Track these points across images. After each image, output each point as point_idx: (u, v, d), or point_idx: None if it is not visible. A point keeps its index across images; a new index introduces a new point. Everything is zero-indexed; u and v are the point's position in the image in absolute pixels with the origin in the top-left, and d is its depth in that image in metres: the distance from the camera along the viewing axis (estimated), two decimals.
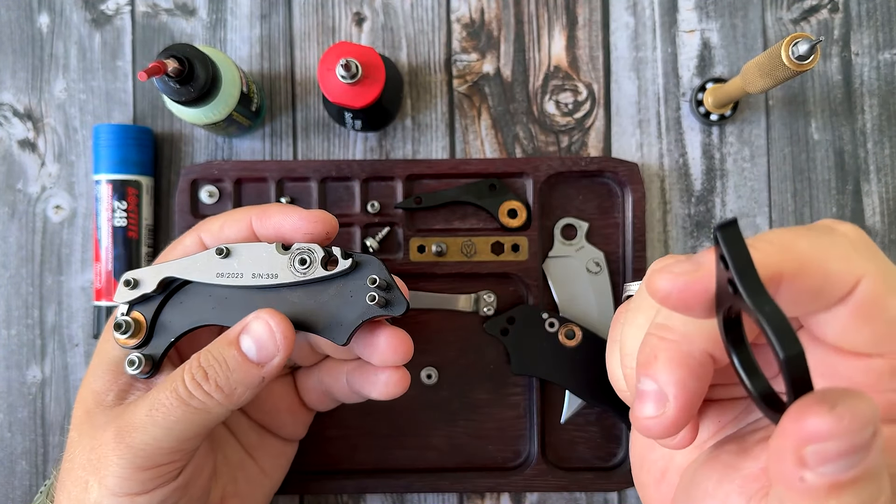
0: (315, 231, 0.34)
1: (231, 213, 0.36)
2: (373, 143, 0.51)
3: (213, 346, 0.33)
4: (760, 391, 0.20)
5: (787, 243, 0.21)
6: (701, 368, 0.22)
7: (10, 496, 0.49)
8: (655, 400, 0.22)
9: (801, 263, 0.20)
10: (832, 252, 0.21)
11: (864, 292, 0.21)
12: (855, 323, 0.21)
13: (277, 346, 0.32)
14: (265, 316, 0.32)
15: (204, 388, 0.31)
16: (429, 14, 0.51)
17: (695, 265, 0.21)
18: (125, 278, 0.34)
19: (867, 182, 0.50)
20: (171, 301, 0.35)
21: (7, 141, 0.50)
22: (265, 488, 0.42)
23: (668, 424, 0.22)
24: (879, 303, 0.21)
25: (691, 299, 0.20)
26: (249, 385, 0.32)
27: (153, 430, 0.31)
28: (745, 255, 0.19)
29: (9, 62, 0.50)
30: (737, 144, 0.51)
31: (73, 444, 0.34)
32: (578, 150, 0.51)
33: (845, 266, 0.20)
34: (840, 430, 0.17)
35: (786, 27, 0.51)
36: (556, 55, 0.51)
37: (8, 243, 0.50)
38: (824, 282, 0.20)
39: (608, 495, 0.49)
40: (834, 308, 0.21)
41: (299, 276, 0.33)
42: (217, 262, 0.34)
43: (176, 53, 0.40)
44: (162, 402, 0.31)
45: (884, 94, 0.50)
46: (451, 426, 0.49)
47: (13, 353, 0.49)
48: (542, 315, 0.47)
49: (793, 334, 0.18)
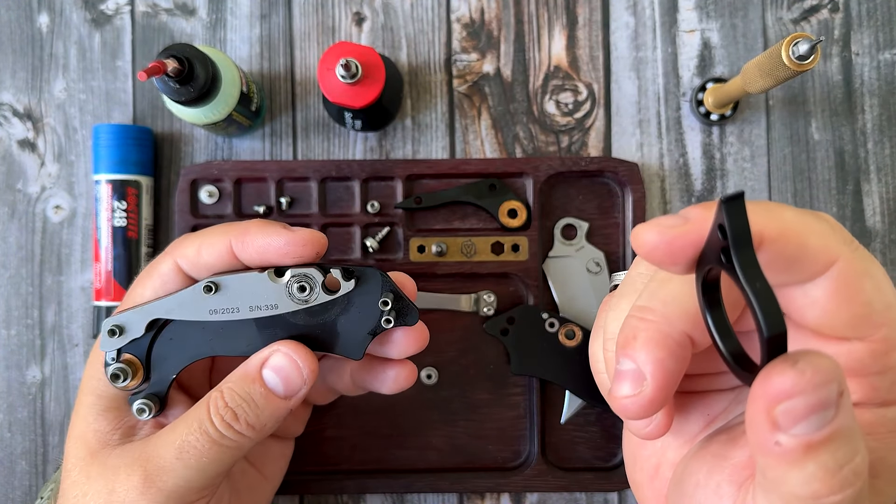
0: (304, 254, 0.32)
1: (208, 233, 0.34)
2: (373, 143, 0.51)
3: (235, 383, 0.32)
4: (731, 351, 0.21)
5: (774, 209, 0.21)
6: (679, 349, 0.23)
7: (10, 496, 0.49)
8: (633, 379, 0.23)
9: (782, 229, 0.21)
10: (813, 227, 0.21)
11: (840, 272, 0.21)
12: (833, 305, 0.21)
13: (304, 380, 0.32)
14: (286, 350, 0.32)
15: (235, 427, 0.31)
16: (429, 14, 0.51)
17: (682, 220, 0.21)
18: (108, 327, 0.32)
19: (867, 182, 0.50)
20: (161, 337, 0.33)
21: (7, 141, 0.50)
22: (266, 493, 0.42)
23: (644, 404, 0.22)
24: (855, 284, 0.21)
25: (677, 252, 0.21)
26: (278, 418, 0.32)
27: (185, 473, 0.31)
28: (746, 231, 0.19)
29: (9, 62, 0.50)
30: (737, 144, 0.51)
31: (76, 486, 0.32)
32: (578, 150, 0.51)
33: (823, 242, 0.21)
34: (803, 385, 0.17)
35: (786, 27, 0.51)
36: (557, 55, 0.51)
37: (8, 243, 0.50)
38: (802, 252, 0.21)
39: (608, 495, 0.49)
40: (810, 286, 0.22)
41: (301, 304, 0.32)
42: (206, 299, 0.32)
43: (176, 53, 0.40)
44: (192, 445, 0.31)
45: (884, 94, 0.50)
46: (451, 426, 0.49)
47: (13, 353, 0.49)
48: (542, 315, 0.47)
49: (779, 313, 0.18)
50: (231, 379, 0.32)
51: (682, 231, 0.21)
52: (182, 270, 0.34)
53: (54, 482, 0.39)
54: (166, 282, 0.34)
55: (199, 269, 0.34)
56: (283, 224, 0.33)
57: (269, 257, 0.32)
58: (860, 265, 0.21)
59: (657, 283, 0.24)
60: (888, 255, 0.50)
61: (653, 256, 0.21)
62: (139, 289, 0.34)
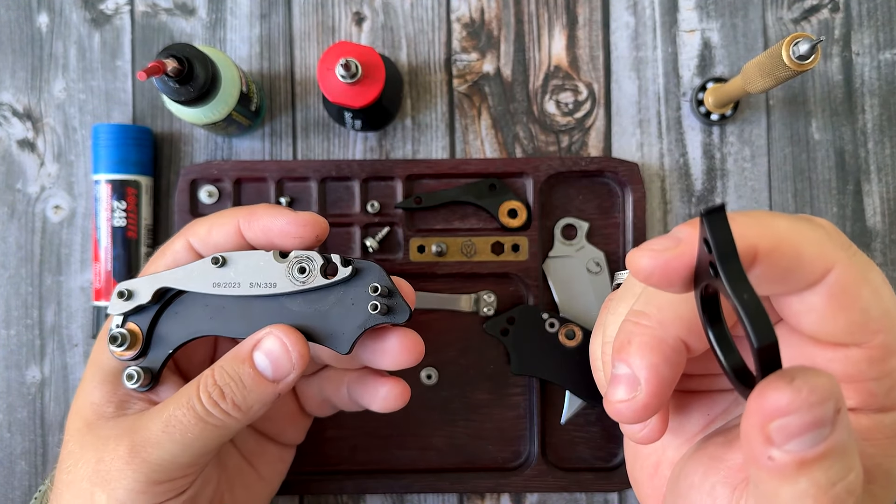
0: (304, 234, 0.33)
1: (218, 215, 0.35)
2: (373, 142, 0.51)
3: (226, 362, 0.32)
4: (733, 365, 0.21)
5: (766, 221, 0.21)
6: (674, 355, 0.23)
7: (10, 496, 0.49)
8: (627, 384, 0.23)
9: (777, 241, 0.21)
10: (808, 236, 0.21)
11: (836, 280, 0.21)
12: (829, 312, 0.22)
13: (293, 364, 0.32)
14: (278, 333, 0.32)
15: (221, 406, 0.31)
16: (429, 14, 0.51)
17: (674, 241, 0.21)
18: (118, 289, 0.34)
19: (868, 182, 0.50)
20: (167, 312, 0.34)
21: (6, 141, 0.50)
22: (262, 495, 0.42)
23: (638, 408, 0.23)
24: (852, 291, 0.21)
25: (672, 274, 0.21)
26: (265, 402, 0.33)
27: (170, 447, 0.31)
28: (729, 242, 0.19)
29: (8, 62, 0.50)
30: (737, 144, 0.50)
31: (71, 456, 0.33)
32: (578, 149, 0.51)
33: (818, 250, 0.21)
34: (799, 403, 0.17)
35: (786, 27, 0.51)
36: (557, 55, 0.51)
37: (7, 243, 0.50)
38: (797, 262, 0.21)
39: (608, 496, 0.49)
40: (807, 294, 0.22)
41: (298, 285, 0.33)
42: (213, 271, 0.33)
43: (175, 53, 0.40)
44: (179, 420, 0.31)
45: (884, 94, 0.50)
46: (451, 426, 0.49)
47: (12, 354, 0.49)
48: (542, 315, 0.47)
49: (768, 323, 0.18)
50: (224, 359, 0.33)
51: (674, 253, 0.21)
52: (193, 249, 0.35)
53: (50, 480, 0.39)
54: (178, 259, 0.35)
55: (208, 247, 0.35)
56: (289, 209, 0.35)
57: (272, 237, 0.34)
58: (857, 271, 0.21)
59: (653, 288, 0.24)
60: (888, 254, 0.50)
61: (650, 281, 0.22)
62: (153, 266, 0.36)
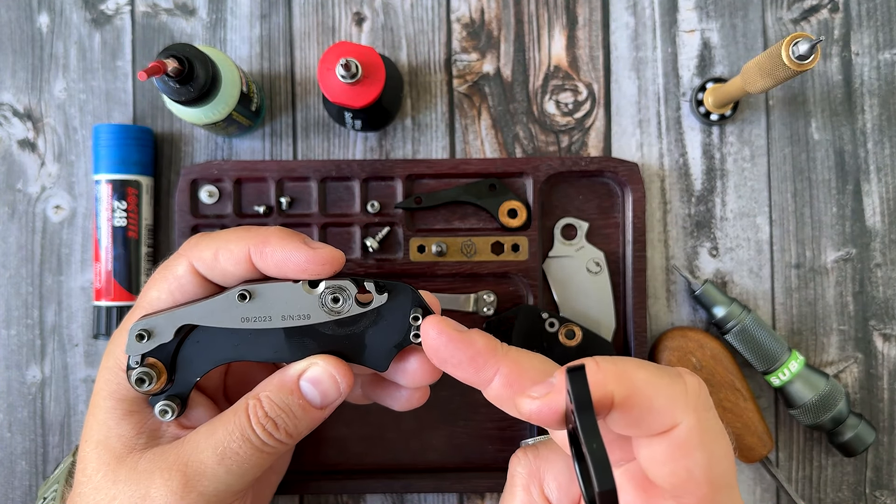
0: (322, 274, 0.32)
1: (225, 238, 0.33)
2: (373, 142, 0.51)
3: (273, 393, 0.32)
4: (592, 498, 0.24)
5: (626, 372, 0.25)
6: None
7: (10, 496, 0.49)
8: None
9: (631, 392, 0.24)
10: (663, 391, 0.25)
11: (677, 436, 0.24)
12: (665, 462, 0.25)
13: (340, 393, 0.33)
14: (325, 365, 0.32)
15: (275, 436, 0.32)
16: (429, 14, 0.51)
17: (547, 388, 0.26)
18: (136, 332, 0.32)
19: (867, 182, 0.50)
20: (188, 340, 0.33)
21: (7, 141, 0.50)
22: (273, 484, 0.42)
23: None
24: (686, 450, 0.24)
25: (547, 416, 0.25)
26: (314, 426, 0.34)
27: (227, 478, 0.32)
28: (586, 398, 0.23)
29: (9, 62, 0.50)
30: (737, 144, 0.51)
31: (99, 491, 0.32)
32: (578, 150, 0.51)
33: (669, 405, 0.24)
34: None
35: (786, 27, 0.51)
36: (556, 55, 0.51)
37: (8, 243, 0.50)
38: (647, 413, 0.24)
39: None
40: (654, 441, 0.25)
41: (333, 316, 0.32)
42: (239, 306, 0.32)
43: (176, 53, 0.40)
44: (235, 451, 0.31)
45: (884, 94, 0.50)
46: (451, 426, 0.49)
47: (13, 353, 0.49)
48: (542, 315, 0.47)
49: (609, 472, 0.22)
50: (268, 388, 0.33)
51: (546, 400, 0.25)
52: (198, 273, 0.33)
53: (57, 482, 0.38)
54: (183, 284, 0.33)
55: (215, 273, 0.33)
56: (302, 236, 0.33)
57: (287, 272, 0.32)
58: (698, 434, 0.24)
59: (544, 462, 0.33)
60: (888, 254, 0.50)
61: (532, 420, 0.26)
62: (153, 291, 0.34)
